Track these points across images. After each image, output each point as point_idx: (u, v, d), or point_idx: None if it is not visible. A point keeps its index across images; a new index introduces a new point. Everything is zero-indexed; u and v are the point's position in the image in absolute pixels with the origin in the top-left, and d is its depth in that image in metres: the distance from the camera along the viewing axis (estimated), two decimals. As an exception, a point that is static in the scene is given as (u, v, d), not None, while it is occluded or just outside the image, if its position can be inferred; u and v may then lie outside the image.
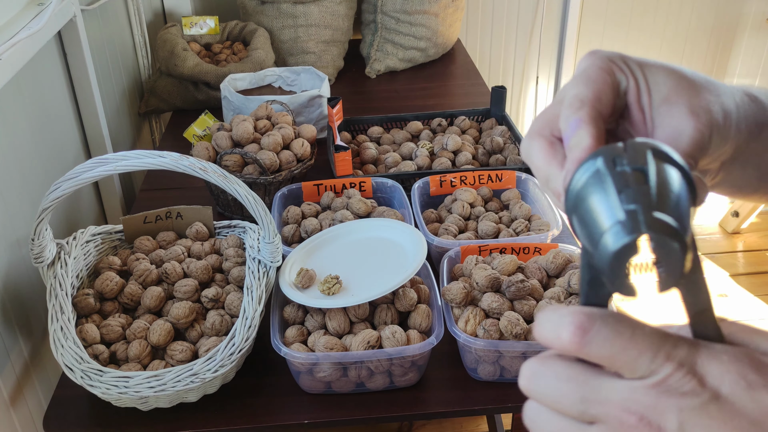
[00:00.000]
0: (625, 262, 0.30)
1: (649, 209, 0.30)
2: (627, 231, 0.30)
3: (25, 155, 1.16)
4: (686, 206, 0.32)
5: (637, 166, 0.32)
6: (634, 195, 0.30)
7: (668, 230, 0.29)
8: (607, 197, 0.31)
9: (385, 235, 1.12)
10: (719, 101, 0.40)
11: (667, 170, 0.32)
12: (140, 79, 1.92)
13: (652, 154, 0.32)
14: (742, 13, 2.59)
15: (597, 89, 0.38)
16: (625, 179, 0.31)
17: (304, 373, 0.95)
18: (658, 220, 0.29)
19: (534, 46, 2.59)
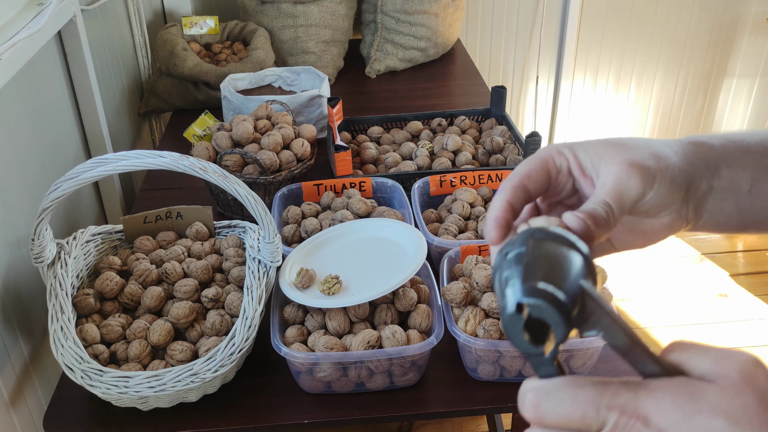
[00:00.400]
0: (515, 328, 0.36)
1: (524, 282, 0.36)
2: (508, 304, 0.36)
3: (25, 155, 1.16)
4: (567, 271, 0.38)
5: (517, 251, 0.39)
6: (512, 273, 0.38)
7: (542, 294, 0.35)
8: (499, 279, 0.39)
9: (385, 235, 1.12)
10: (649, 151, 0.47)
11: (547, 247, 0.39)
12: (140, 79, 1.92)
13: (531, 237, 0.40)
14: (742, 13, 2.59)
15: (528, 168, 0.48)
16: (510, 263, 0.39)
17: (304, 373, 0.95)
18: (532, 288, 0.36)
19: (534, 46, 2.59)
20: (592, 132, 2.80)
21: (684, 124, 2.83)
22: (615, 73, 2.67)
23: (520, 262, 0.38)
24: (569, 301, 0.36)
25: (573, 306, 0.36)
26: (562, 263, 0.38)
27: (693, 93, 2.76)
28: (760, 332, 2.36)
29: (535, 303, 0.35)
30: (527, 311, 0.35)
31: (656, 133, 2.83)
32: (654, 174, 0.46)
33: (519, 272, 0.37)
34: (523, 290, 0.36)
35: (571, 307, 0.36)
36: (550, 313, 0.35)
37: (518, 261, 0.38)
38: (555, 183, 0.49)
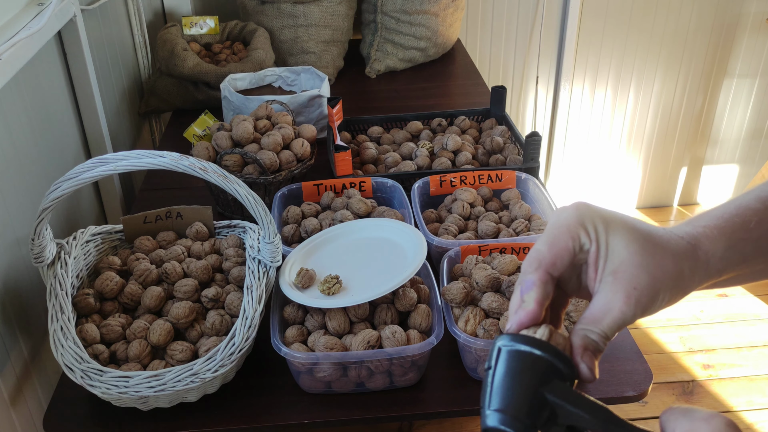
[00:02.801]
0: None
1: (490, 406, 0.43)
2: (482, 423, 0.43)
3: (25, 155, 1.16)
4: (528, 387, 0.42)
5: (486, 367, 0.44)
6: (483, 395, 0.43)
7: (505, 423, 0.41)
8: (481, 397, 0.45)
9: (385, 235, 1.12)
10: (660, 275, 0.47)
11: (510, 361, 0.44)
12: (140, 79, 1.92)
13: (496, 352, 0.44)
14: (742, 13, 2.59)
15: (555, 253, 0.47)
16: (484, 379, 0.44)
17: (304, 373, 0.95)
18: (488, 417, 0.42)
19: (534, 46, 2.59)
20: (592, 132, 2.80)
21: (684, 124, 2.82)
22: (615, 72, 2.67)
23: (485, 383, 0.44)
24: (528, 415, 0.42)
25: (535, 418, 0.42)
26: (520, 377, 0.43)
27: (693, 93, 2.76)
28: (761, 332, 2.36)
29: (497, 429, 0.42)
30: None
31: (656, 133, 2.83)
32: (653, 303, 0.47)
33: (486, 395, 0.43)
34: (483, 421, 0.42)
35: (530, 420, 0.42)
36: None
37: (484, 381, 0.44)
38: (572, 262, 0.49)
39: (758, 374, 2.19)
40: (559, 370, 0.44)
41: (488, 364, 0.44)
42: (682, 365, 2.24)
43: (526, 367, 0.43)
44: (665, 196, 3.02)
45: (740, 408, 2.08)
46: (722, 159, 2.95)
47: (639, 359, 1.01)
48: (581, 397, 0.42)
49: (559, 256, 0.47)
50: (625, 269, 0.47)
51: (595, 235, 0.48)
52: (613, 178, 2.94)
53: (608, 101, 2.74)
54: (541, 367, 0.43)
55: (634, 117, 2.79)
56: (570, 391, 0.42)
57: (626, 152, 2.88)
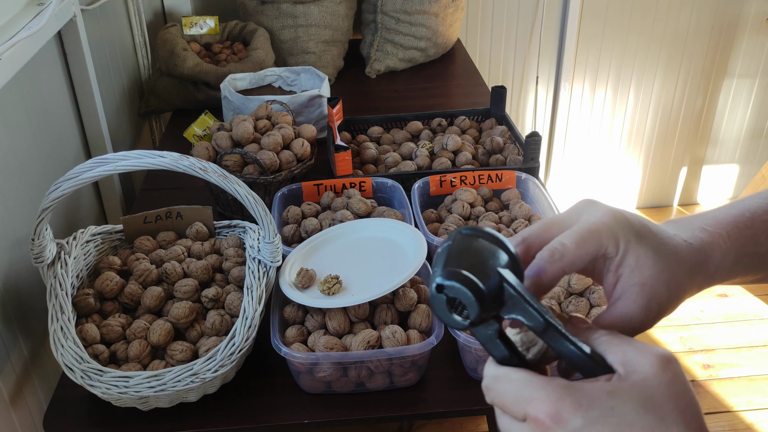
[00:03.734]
0: (438, 305, 0.43)
1: (445, 266, 0.43)
2: (431, 285, 0.43)
3: (25, 155, 1.16)
4: (486, 261, 0.44)
5: (445, 243, 0.46)
6: (437, 260, 0.44)
7: (455, 277, 0.42)
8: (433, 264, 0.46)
9: (385, 235, 1.12)
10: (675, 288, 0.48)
11: (471, 242, 0.45)
12: (140, 79, 1.92)
13: (459, 234, 0.46)
14: (742, 13, 2.59)
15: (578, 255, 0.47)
16: (438, 255, 0.45)
17: (304, 373, 0.95)
18: (450, 272, 0.42)
19: (534, 46, 2.59)
20: (592, 132, 2.80)
21: (684, 124, 2.82)
22: (615, 72, 2.67)
23: (444, 251, 0.45)
24: (485, 284, 0.42)
25: (489, 289, 0.42)
26: (482, 254, 0.45)
27: (693, 93, 2.75)
28: (761, 332, 2.36)
29: (450, 284, 0.42)
30: (446, 291, 0.42)
31: (656, 133, 2.83)
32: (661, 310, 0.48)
33: (442, 260, 0.44)
34: (442, 273, 0.42)
35: (485, 289, 0.42)
36: (463, 293, 0.42)
37: (443, 251, 0.45)
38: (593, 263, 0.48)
39: (758, 374, 2.19)
40: (516, 267, 0.45)
41: (446, 242, 0.45)
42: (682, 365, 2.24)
43: (486, 247, 0.45)
44: (665, 196, 3.02)
45: (740, 408, 2.08)
46: (722, 159, 2.95)
47: (639, 359, 1.01)
48: (530, 293, 0.43)
49: (580, 258, 0.47)
50: (652, 284, 0.47)
51: (625, 247, 0.47)
52: (613, 178, 2.94)
53: (608, 101, 2.74)
54: (500, 254, 0.45)
55: (634, 117, 2.79)
56: (522, 284, 0.43)
57: (626, 152, 2.88)
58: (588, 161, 2.88)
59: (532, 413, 0.39)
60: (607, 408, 0.38)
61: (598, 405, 0.38)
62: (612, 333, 0.43)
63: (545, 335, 0.42)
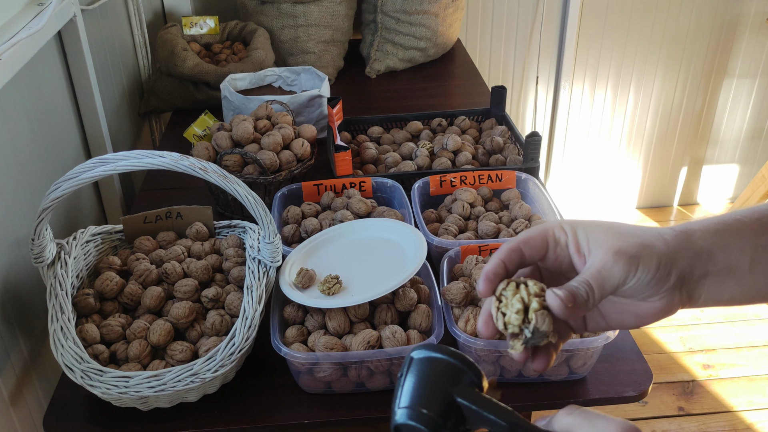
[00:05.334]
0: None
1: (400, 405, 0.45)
2: (392, 422, 0.45)
3: (25, 155, 1.16)
4: (437, 387, 0.45)
5: (399, 375, 0.47)
6: (395, 395, 0.46)
7: (414, 417, 0.43)
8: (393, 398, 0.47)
9: (385, 235, 1.12)
10: (639, 240, 0.51)
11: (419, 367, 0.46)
12: (140, 79, 1.92)
13: (408, 362, 0.47)
14: (742, 13, 2.59)
15: (528, 235, 0.54)
16: (398, 385, 0.47)
17: (304, 373, 0.95)
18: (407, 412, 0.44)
19: (534, 46, 2.59)
20: (592, 132, 2.80)
21: (684, 124, 2.82)
22: (615, 72, 2.67)
23: (398, 387, 0.46)
24: (442, 415, 0.43)
25: (446, 417, 0.44)
26: (432, 381, 0.46)
27: (693, 93, 2.75)
28: (761, 332, 2.36)
29: (405, 424, 0.44)
30: (402, 430, 0.44)
31: (656, 133, 2.83)
32: (638, 262, 0.50)
33: (396, 398, 0.46)
34: (398, 414, 0.44)
35: (439, 418, 0.43)
36: (420, 430, 0.43)
37: (397, 386, 0.47)
38: (554, 254, 0.54)
39: (758, 374, 2.19)
40: (468, 375, 0.46)
41: (400, 373, 0.47)
42: (682, 365, 2.24)
43: (435, 370, 0.46)
44: (665, 196, 3.02)
45: (740, 408, 2.08)
46: (722, 159, 2.95)
47: (639, 359, 1.01)
48: (489, 400, 0.44)
49: (532, 237, 0.53)
50: (605, 238, 0.51)
51: (571, 230, 0.53)
52: (613, 178, 2.94)
53: (608, 101, 2.74)
54: (450, 371, 0.46)
55: (634, 117, 2.79)
56: (478, 394, 0.45)
57: (626, 152, 2.88)
58: (588, 161, 2.88)
59: None
60: None
61: None
62: (575, 413, 0.45)
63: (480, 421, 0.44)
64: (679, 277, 0.51)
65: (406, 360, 0.48)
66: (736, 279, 0.52)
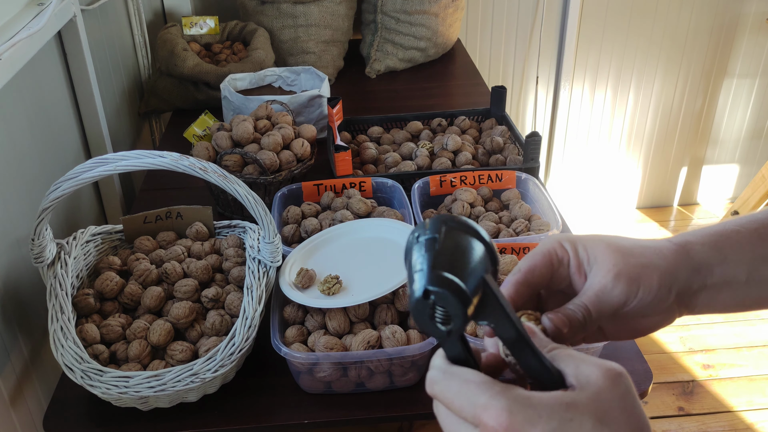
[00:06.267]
0: (421, 312, 0.39)
1: (433, 268, 0.39)
2: (416, 289, 0.39)
3: (25, 155, 1.16)
4: (472, 263, 0.40)
5: (429, 236, 0.41)
6: (422, 259, 0.40)
7: (447, 284, 0.38)
8: (410, 262, 0.41)
9: (385, 235, 1.12)
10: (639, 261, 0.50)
11: (455, 237, 0.41)
12: (140, 79, 1.92)
13: (445, 226, 0.41)
14: (742, 13, 2.59)
15: (532, 263, 0.52)
16: (421, 247, 0.40)
17: (304, 373, 0.95)
18: (438, 277, 0.38)
19: (534, 46, 2.59)
20: (592, 132, 2.80)
21: (684, 124, 2.83)
22: (615, 73, 2.67)
23: (430, 248, 0.40)
24: (471, 292, 0.39)
25: (474, 296, 0.39)
26: (468, 254, 0.41)
27: (693, 93, 2.76)
28: (761, 332, 2.36)
29: (440, 292, 0.38)
30: (432, 298, 0.38)
31: (656, 133, 2.83)
32: (638, 284, 0.49)
33: (428, 259, 0.39)
34: (430, 278, 0.38)
35: (471, 297, 0.39)
36: (453, 303, 0.38)
37: (428, 247, 0.40)
38: (557, 275, 0.53)
39: (758, 374, 2.19)
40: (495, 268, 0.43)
41: (430, 234, 0.41)
42: (682, 365, 2.24)
43: (472, 248, 0.41)
44: (665, 196, 3.02)
45: (740, 408, 2.08)
46: (722, 159, 2.95)
47: (639, 359, 1.01)
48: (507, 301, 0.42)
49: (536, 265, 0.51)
50: (604, 257, 0.50)
51: (572, 248, 0.52)
52: (613, 178, 2.94)
53: (608, 101, 2.74)
54: (486, 257, 0.42)
55: (634, 117, 2.79)
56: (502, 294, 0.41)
57: (626, 152, 2.88)
58: (588, 161, 2.88)
59: (487, 421, 0.38)
60: (565, 420, 0.37)
61: (557, 417, 0.37)
62: (563, 347, 0.43)
63: (514, 348, 0.41)
64: (678, 293, 0.51)
65: (437, 224, 0.41)
66: (732, 290, 0.52)
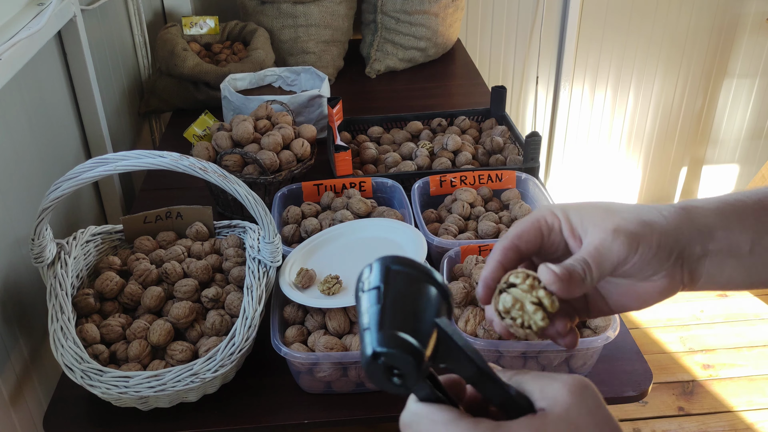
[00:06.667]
0: (374, 372, 0.37)
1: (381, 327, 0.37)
2: (366, 350, 0.37)
3: (25, 155, 1.16)
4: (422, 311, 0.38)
5: (373, 286, 0.39)
6: (368, 317, 0.37)
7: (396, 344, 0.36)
8: (359, 316, 0.39)
9: (385, 235, 1.12)
10: (637, 217, 0.49)
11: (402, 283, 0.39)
12: (140, 79, 1.92)
13: (387, 270, 0.39)
14: (742, 13, 2.59)
15: (521, 229, 0.51)
16: (367, 299, 0.38)
17: (304, 373, 0.95)
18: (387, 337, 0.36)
19: (534, 46, 2.59)
20: (592, 132, 2.80)
21: (684, 124, 2.82)
22: (615, 73, 2.67)
23: (375, 302, 0.38)
24: (422, 344, 0.37)
25: (426, 348, 0.38)
26: (417, 301, 0.39)
27: (693, 93, 2.76)
28: (761, 332, 2.36)
29: (390, 353, 0.37)
30: (382, 360, 0.37)
31: (656, 133, 2.83)
32: (638, 239, 0.48)
33: (375, 315, 0.38)
34: (379, 339, 0.37)
35: (424, 351, 0.37)
36: (404, 361, 0.37)
37: (373, 301, 0.39)
38: (548, 242, 0.52)
39: (758, 374, 2.19)
40: (446, 304, 0.41)
41: (374, 284, 0.39)
42: (682, 365, 2.24)
43: (422, 293, 0.39)
44: (665, 196, 3.02)
45: (740, 408, 2.08)
46: (722, 159, 2.95)
47: (639, 359, 1.01)
48: (464, 335, 0.41)
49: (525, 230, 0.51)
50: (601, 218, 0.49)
51: (563, 214, 0.51)
52: (613, 178, 2.94)
53: (608, 101, 2.74)
54: (434, 296, 0.40)
55: (634, 117, 2.79)
56: (458, 329, 0.41)
57: (626, 152, 2.88)
58: (588, 161, 2.88)
59: None
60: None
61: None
62: (523, 371, 0.43)
63: (478, 384, 0.41)
64: (680, 255, 0.49)
65: (378, 269, 0.39)
66: (736, 260, 0.50)
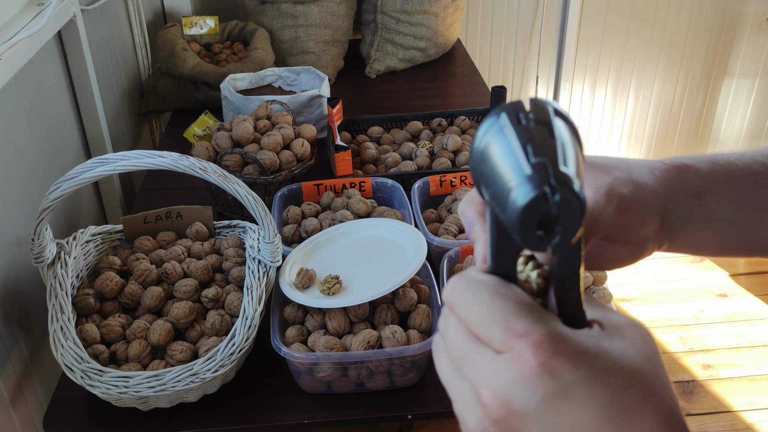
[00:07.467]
0: (533, 216, 0.29)
1: (556, 163, 0.29)
2: (535, 185, 0.29)
3: (25, 155, 1.16)
4: (581, 164, 0.32)
5: (541, 120, 0.31)
6: (541, 148, 0.30)
7: (571, 185, 0.29)
8: (512, 152, 0.30)
9: (385, 235, 1.12)
10: (629, 177, 0.45)
11: (566, 128, 0.32)
12: (140, 79, 1.92)
13: (554, 111, 0.32)
14: (742, 13, 2.59)
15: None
16: (530, 133, 0.30)
17: (304, 373, 0.95)
18: (564, 174, 0.29)
19: (534, 46, 2.59)
20: (592, 132, 2.80)
21: (684, 124, 2.82)
22: (615, 73, 2.67)
23: (549, 136, 0.30)
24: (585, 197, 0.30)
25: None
26: (580, 157, 0.32)
27: (693, 93, 2.76)
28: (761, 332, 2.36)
29: (565, 198, 0.29)
30: (553, 202, 0.29)
31: (656, 133, 2.83)
32: (630, 205, 0.44)
33: (551, 149, 0.30)
34: (556, 176, 0.29)
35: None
36: (573, 213, 0.29)
37: (544, 134, 0.31)
38: None
39: (758, 374, 2.19)
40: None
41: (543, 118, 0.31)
42: (682, 365, 2.24)
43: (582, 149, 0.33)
44: (665, 196, 3.02)
45: (740, 408, 2.08)
46: (722, 159, 2.95)
47: (639, 359, 1.01)
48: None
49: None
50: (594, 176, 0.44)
51: None
52: (613, 178, 2.94)
53: (608, 101, 2.74)
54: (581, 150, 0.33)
55: (634, 117, 2.79)
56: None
57: (626, 152, 2.88)
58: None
59: (523, 350, 0.30)
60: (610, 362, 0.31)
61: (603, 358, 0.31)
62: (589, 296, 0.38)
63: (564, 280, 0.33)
64: (664, 219, 0.46)
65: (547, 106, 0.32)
66: (714, 226, 0.48)
